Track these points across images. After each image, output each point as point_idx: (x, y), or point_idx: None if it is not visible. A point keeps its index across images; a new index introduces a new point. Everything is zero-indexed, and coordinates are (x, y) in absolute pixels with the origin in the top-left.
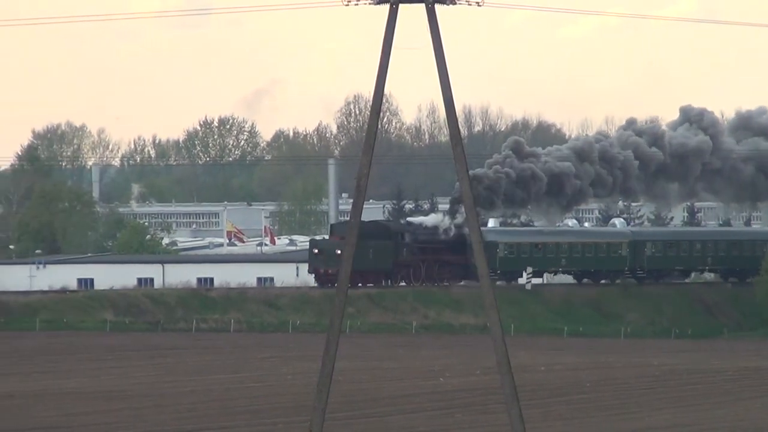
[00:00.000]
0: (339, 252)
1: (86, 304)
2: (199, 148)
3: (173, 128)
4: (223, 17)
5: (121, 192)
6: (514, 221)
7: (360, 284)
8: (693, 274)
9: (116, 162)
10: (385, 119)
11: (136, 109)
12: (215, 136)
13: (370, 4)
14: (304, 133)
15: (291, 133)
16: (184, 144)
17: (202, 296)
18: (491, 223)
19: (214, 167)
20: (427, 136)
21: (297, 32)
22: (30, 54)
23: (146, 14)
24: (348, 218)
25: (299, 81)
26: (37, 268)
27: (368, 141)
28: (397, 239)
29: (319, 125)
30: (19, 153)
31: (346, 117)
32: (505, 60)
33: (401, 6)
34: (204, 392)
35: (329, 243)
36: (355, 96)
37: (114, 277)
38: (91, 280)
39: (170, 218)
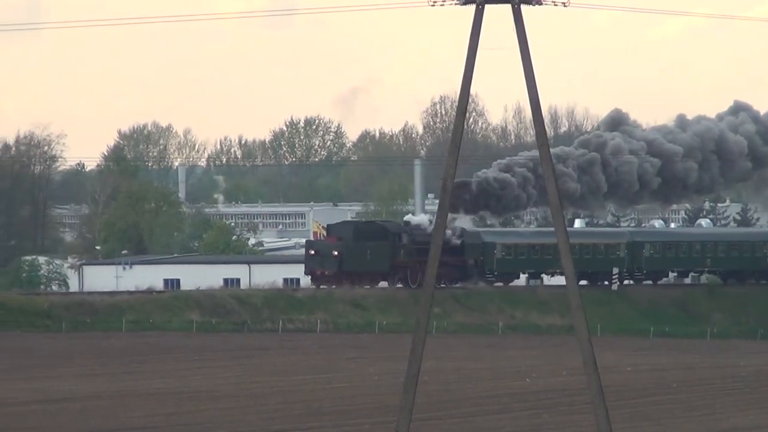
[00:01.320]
0: (336, 253)
1: (172, 305)
2: (285, 149)
3: (259, 128)
4: (308, 18)
5: (207, 192)
6: (600, 221)
7: (356, 285)
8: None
9: (202, 162)
10: (471, 120)
11: (222, 110)
12: (301, 137)
13: (456, 4)
14: (390, 133)
15: (377, 134)
16: (270, 144)
17: (289, 297)
18: (578, 223)
19: (300, 167)
20: (513, 137)
21: (383, 33)
22: (116, 54)
23: (231, 14)
24: (344, 220)
25: (388, 82)
26: (124, 268)
27: (454, 141)
28: (395, 240)
29: (405, 125)
30: (106, 153)
31: (432, 117)
32: (591, 60)
33: (487, 6)
34: (290, 393)
35: (325, 244)
36: (441, 96)
37: (200, 277)
38: (178, 281)
39: (256, 219)
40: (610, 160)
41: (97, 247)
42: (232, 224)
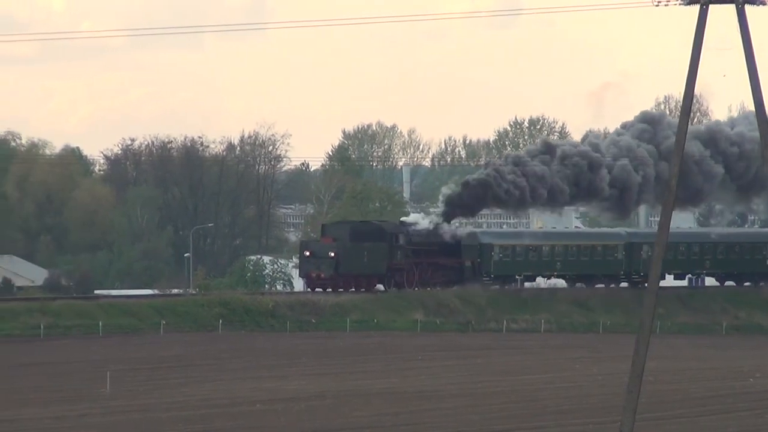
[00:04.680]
0: (332, 254)
1: (396, 305)
2: (509, 148)
3: (483, 128)
4: (533, 18)
5: (432, 192)
6: None
7: (353, 289)
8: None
9: (427, 162)
10: (695, 120)
11: (446, 109)
12: (525, 136)
13: (680, 4)
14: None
15: (602, 133)
16: (495, 144)
17: (513, 296)
18: None
19: None
20: None
21: (610, 33)
22: (340, 54)
23: (456, 14)
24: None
25: (615, 81)
26: None
27: (678, 141)
28: (392, 241)
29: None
30: (330, 153)
31: None
32: None
33: (711, 6)
34: (513, 393)
35: (322, 245)
36: (665, 96)
37: None
38: None
39: (480, 218)
40: None
41: None
42: (456, 224)
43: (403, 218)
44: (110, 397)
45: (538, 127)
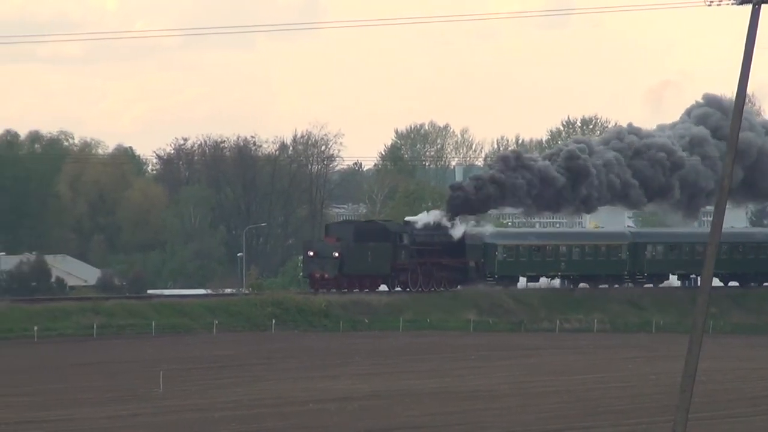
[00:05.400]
0: (336, 255)
1: (450, 304)
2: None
3: (536, 128)
4: (583, 18)
5: None
6: None
7: (357, 290)
8: None
9: (479, 162)
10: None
11: (499, 109)
12: (578, 136)
13: (732, 4)
14: None
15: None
16: (547, 143)
17: (565, 296)
18: None
19: None
20: None
21: (660, 33)
22: (393, 54)
23: (507, 14)
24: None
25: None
26: None
27: (731, 141)
28: (396, 241)
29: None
30: (383, 153)
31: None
32: None
33: (764, 6)
34: (566, 392)
35: (325, 245)
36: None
37: None
38: None
39: (534, 219)
40: None
41: None
42: (509, 223)
43: (407, 217)
44: (163, 397)
45: (591, 126)
